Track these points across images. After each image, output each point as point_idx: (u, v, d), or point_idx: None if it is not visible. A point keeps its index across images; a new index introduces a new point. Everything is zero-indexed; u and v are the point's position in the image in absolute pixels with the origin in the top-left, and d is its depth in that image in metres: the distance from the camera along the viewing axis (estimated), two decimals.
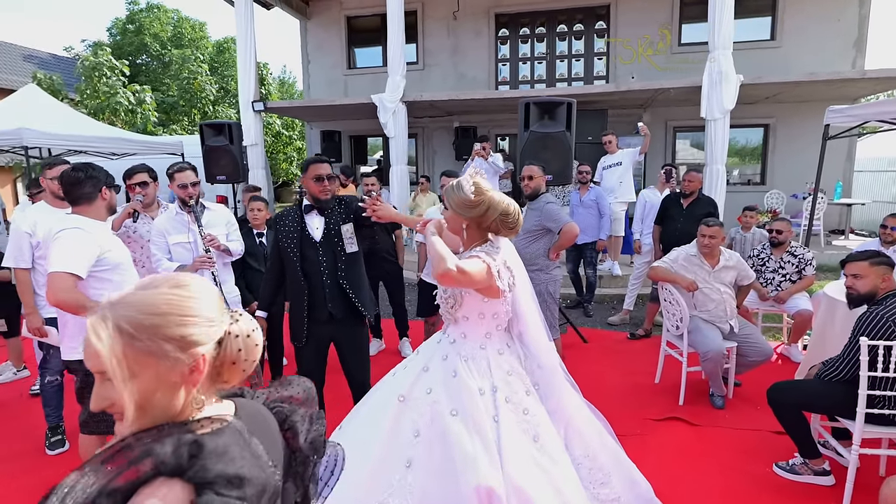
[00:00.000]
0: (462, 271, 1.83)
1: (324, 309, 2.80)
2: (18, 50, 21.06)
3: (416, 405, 1.96)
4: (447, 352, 2.08)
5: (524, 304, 2.11)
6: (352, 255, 2.85)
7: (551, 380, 2.16)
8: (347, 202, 2.90)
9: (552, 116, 4.62)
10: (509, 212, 2.03)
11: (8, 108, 7.51)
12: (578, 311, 6.21)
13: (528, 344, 2.15)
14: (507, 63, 11.30)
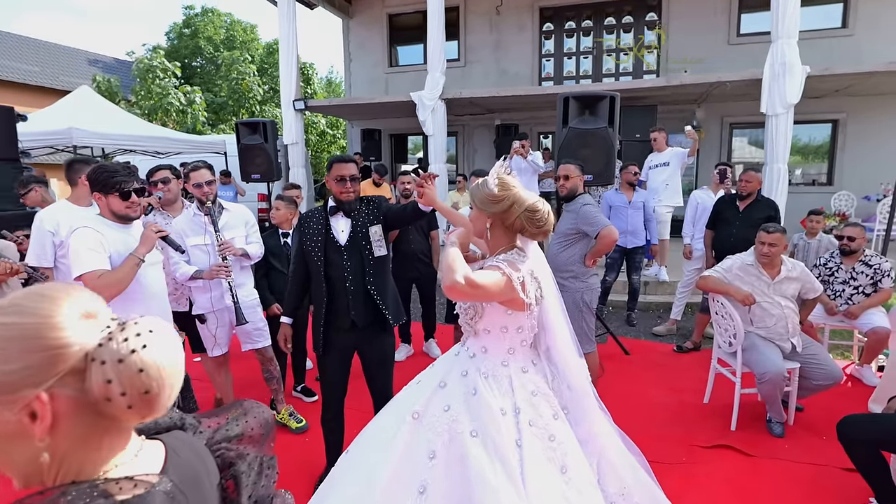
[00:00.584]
0: (473, 284, 1.67)
1: (346, 317, 2.65)
2: (84, 55, 22.34)
3: (433, 424, 1.78)
4: (466, 367, 1.89)
5: (553, 317, 1.90)
6: (380, 259, 2.68)
7: (582, 403, 1.94)
8: (376, 203, 2.74)
9: (593, 112, 4.29)
10: (537, 209, 1.84)
11: (61, 108, 7.83)
12: (620, 320, 5.83)
13: (555, 361, 1.94)
14: (552, 58, 10.92)
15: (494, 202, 1.82)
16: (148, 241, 2.34)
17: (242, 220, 3.38)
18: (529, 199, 1.85)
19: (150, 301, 2.44)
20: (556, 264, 3.54)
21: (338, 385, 2.79)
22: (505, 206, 1.82)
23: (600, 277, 3.77)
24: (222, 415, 0.93)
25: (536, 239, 1.91)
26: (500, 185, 1.84)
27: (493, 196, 1.82)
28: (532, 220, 1.83)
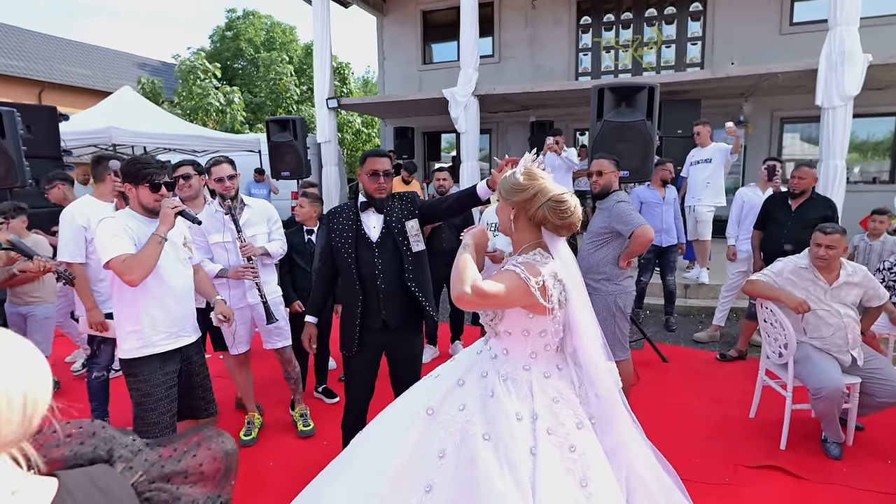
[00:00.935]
0: (483, 294, 1.61)
1: (377, 317, 2.53)
2: (133, 58, 23.24)
3: (446, 422, 1.72)
4: (487, 368, 1.81)
5: (580, 319, 1.76)
6: (419, 255, 2.58)
7: (610, 412, 1.77)
8: (409, 198, 2.63)
9: (630, 104, 4.03)
10: (562, 199, 1.71)
11: (103, 109, 8.06)
12: (658, 325, 5.53)
13: (582, 365, 1.80)
14: (589, 52, 10.58)
15: (518, 191, 1.74)
16: (167, 219, 2.29)
17: (264, 216, 3.32)
18: (555, 190, 1.74)
19: (174, 300, 2.39)
20: (588, 265, 3.33)
21: (364, 387, 2.67)
22: (528, 195, 1.72)
23: (635, 280, 3.52)
24: (180, 443, 0.80)
25: (560, 233, 1.76)
26: (525, 174, 1.75)
27: (518, 184, 1.74)
28: (555, 211, 1.70)
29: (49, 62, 18.70)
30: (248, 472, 3.00)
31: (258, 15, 22.42)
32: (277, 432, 3.45)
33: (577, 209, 1.74)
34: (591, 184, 3.41)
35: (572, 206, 1.72)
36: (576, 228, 1.77)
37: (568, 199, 1.72)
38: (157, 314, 2.32)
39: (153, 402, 2.31)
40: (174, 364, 2.40)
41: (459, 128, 8.60)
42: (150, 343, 2.31)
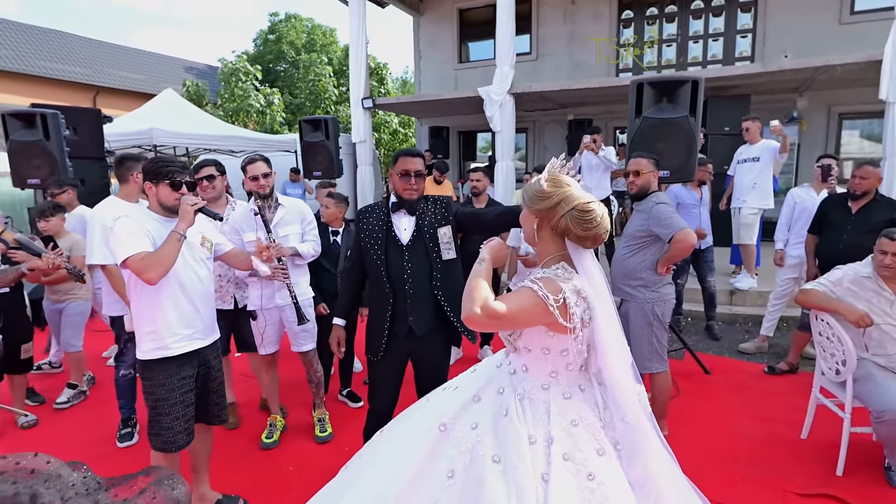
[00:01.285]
0: (494, 315, 1.51)
1: (404, 322, 2.44)
2: (181, 62, 24.09)
3: (458, 440, 1.63)
4: (504, 384, 1.71)
5: (606, 337, 1.61)
6: (448, 263, 2.47)
7: (637, 439, 1.61)
8: (444, 203, 2.53)
9: (672, 99, 3.79)
10: (587, 209, 1.58)
11: (146, 111, 8.31)
12: (700, 333, 5.22)
13: (609, 385, 1.64)
14: (631, 48, 10.21)
15: (541, 198, 1.63)
16: (186, 216, 2.24)
17: (298, 216, 3.27)
18: (581, 199, 1.60)
19: (189, 301, 2.35)
20: (624, 271, 3.13)
21: (388, 395, 2.58)
22: (552, 203, 1.60)
23: (675, 287, 3.30)
24: (123, 486, 0.70)
25: (585, 245, 1.61)
26: (550, 180, 1.64)
27: (541, 191, 1.63)
28: (579, 221, 1.56)
29: (103, 67, 19.60)
30: (268, 475, 2.96)
31: (300, 18, 22.83)
32: (300, 435, 3.40)
33: (604, 219, 1.60)
34: (629, 184, 3.21)
35: (598, 217, 1.57)
36: (602, 240, 1.63)
37: (594, 209, 1.58)
38: (172, 316, 2.29)
39: (167, 407, 2.28)
40: (191, 368, 2.36)
41: (494, 127, 8.44)
42: (165, 346, 2.27)
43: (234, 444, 3.30)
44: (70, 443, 3.36)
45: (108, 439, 3.36)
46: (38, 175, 5.11)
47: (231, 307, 3.38)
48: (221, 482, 2.79)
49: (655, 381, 3.15)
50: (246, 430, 3.47)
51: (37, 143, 5.03)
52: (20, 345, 3.55)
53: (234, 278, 3.38)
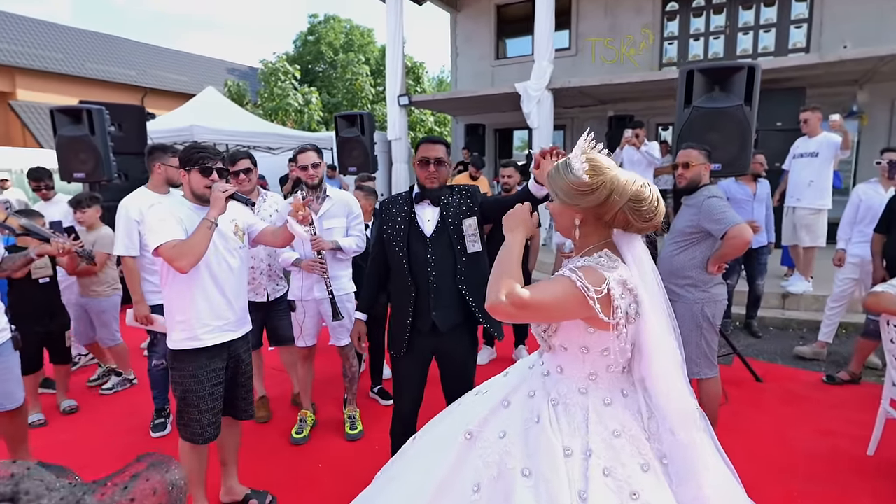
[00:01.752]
0: (522, 304, 1.34)
1: (427, 318, 2.34)
2: (224, 64, 24.74)
3: (485, 450, 1.48)
4: (536, 387, 1.54)
5: (653, 339, 1.42)
6: (473, 256, 2.35)
7: (689, 454, 1.41)
8: (470, 192, 2.42)
9: (725, 87, 3.55)
10: (643, 196, 1.39)
11: (188, 109, 8.50)
12: (749, 338, 4.93)
13: (654, 394, 1.46)
14: (675, 41, 9.84)
15: (585, 193, 1.40)
16: (217, 203, 2.19)
17: (345, 209, 3.21)
18: (631, 184, 1.40)
19: (219, 292, 2.30)
20: (671, 269, 2.94)
21: (411, 394, 2.48)
22: (601, 196, 1.39)
23: (727, 287, 3.08)
24: (117, 476, 0.62)
25: (644, 231, 1.44)
26: (590, 168, 1.40)
27: (583, 186, 1.40)
28: (638, 213, 1.39)
29: (150, 69, 20.31)
30: (297, 471, 2.91)
31: (338, 19, 23.10)
32: (330, 432, 3.34)
33: (661, 202, 1.42)
34: (677, 177, 3.01)
35: (655, 200, 1.40)
36: (660, 223, 1.44)
37: (648, 194, 1.40)
38: (202, 306, 2.25)
39: (196, 399, 2.24)
40: (221, 361, 2.31)
41: (532, 123, 8.28)
42: (195, 337, 2.23)
43: (264, 438, 3.27)
44: (106, 431, 3.39)
45: (143, 428, 3.38)
46: (84, 169, 5.26)
47: (264, 300, 3.36)
48: (250, 476, 2.75)
49: (704, 387, 2.94)
50: (276, 424, 3.44)
51: (83, 138, 5.17)
52: (64, 333, 3.62)
53: (266, 270, 3.36)
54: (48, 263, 3.50)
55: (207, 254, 2.21)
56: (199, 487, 2.40)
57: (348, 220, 3.22)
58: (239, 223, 2.45)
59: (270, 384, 3.84)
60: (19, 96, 16.36)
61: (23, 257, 2.65)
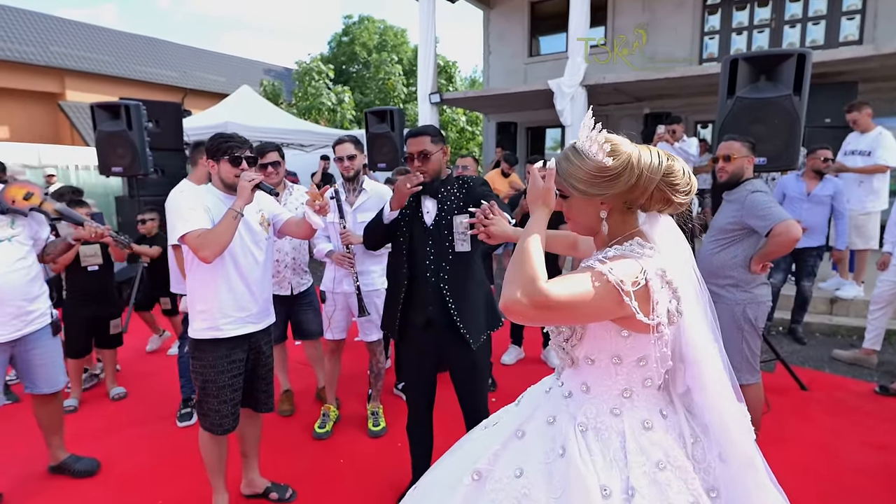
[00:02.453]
0: (544, 304, 1.06)
1: (422, 311, 2.26)
2: (261, 65, 25.26)
3: (497, 493, 1.24)
4: (556, 411, 1.30)
5: (699, 343, 1.21)
6: (460, 257, 2.21)
7: (742, 482, 1.21)
8: (470, 186, 2.29)
9: (772, 76, 3.35)
10: (674, 169, 1.21)
11: (223, 106, 8.67)
12: (793, 343, 4.67)
13: (700, 412, 1.26)
14: (716, 36, 9.48)
15: (611, 178, 1.19)
16: (243, 193, 2.16)
17: (380, 203, 3.12)
18: (657, 158, 1.20)
19: (244, 284, 2.28)
20: (710, 268, 2.78)
21: (418, 388, 2.42)
22: (630, 179, 1.19)
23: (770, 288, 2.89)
24: None
25: (679, 210, 1.26)
26: (612, 150, 1.20)
27: (607, 170, 1.18)
28: (674, 187, 1.21)
29: (190, 71, 20.89)
30: (318, 466, 2.88)
31: (372, 20, 23.27)
32: (352, 427, 3.30)
33: (692, 178, 1.24)
34: (718, 170, 2.85)
35: (686, 171, 1.22)
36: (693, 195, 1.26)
37: (677, 167, 1.21)
38: (225, 297, 2.23)
39: (215, 390, 2.22)
40: (241, 352, 2.29)
41: (565, 121, 8.11)
42: (216, 327, 2.22)
43: (287, 432, 3.25)
44: (139, 419, 3.44)
45: (170, 417, 3.41)
46: (122, 164, 5.39)
47: (288, 293, 3.34)
48: (272, 469, 2.73)
49: (745, 394, 2.74)
50: (300, 418, 3.42)
51: (120, 133, 5.30)
52: (109, 321, 3.73)
53: (291, 264, 3.34)
54: (97, 252, 3.62)
55: (233, 244, 2.20)
56: (220, 478, 2.39)
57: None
58: (265, 213, 2.43)
59: (295, 378, 3.83)
60: (68, 97, 17.05)
61: (62, 242, 2.71)
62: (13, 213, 2.47)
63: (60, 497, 2.63)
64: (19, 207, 2.46)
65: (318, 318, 3.49)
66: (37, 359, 2.57)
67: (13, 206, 2.44)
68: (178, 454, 2.98)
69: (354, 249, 3.05)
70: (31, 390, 2.62)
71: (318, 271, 3.95)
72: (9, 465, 2.84)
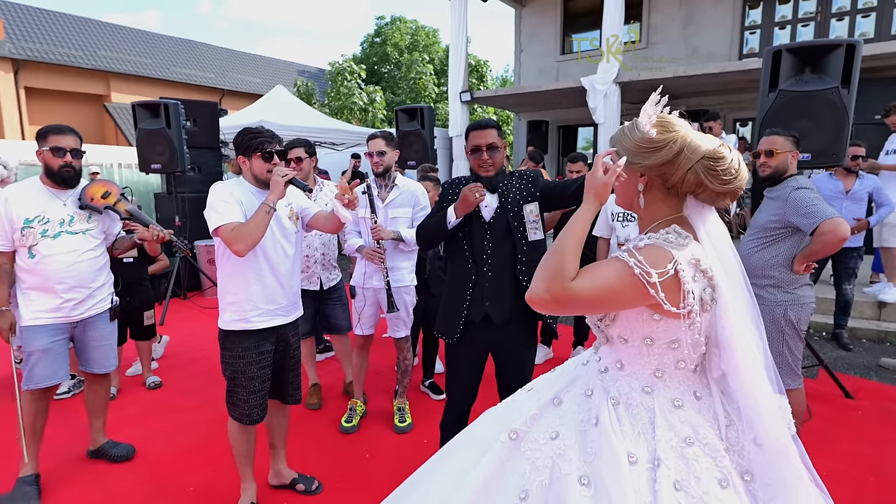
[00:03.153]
0: (566, 299, 1.13)
1: (480, 307, 2.24)
2: (295, 66, 25.74)
3: (533, 453, 1.31)
4: (593, 384, 1.36)
5: (735, 330, 1.21)
6: (535, 245, 2.26)
7: (776, 467, 1.19)
8: (531, 177, 2.31)
9: (818, 68, 3.19)
10: (720, 155, 1.19)
11: (259, 106, 8.85)
12: (836, 349, 4.45)
13: (735, 396, 1.25)
14: (758, 30, 9.16)
15: (652, 149, 1.22)
16: (276, 188, 2.18)
17: (411, 200, 3.16)
18: (706, 142, 1.21)
19: (274, 277, 2.31)
20: (749, 268, 2.66)
21: (464, 386, 2.39)
22: (669, 153, 1.21)
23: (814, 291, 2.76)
24: None
25: (719, 203, 1.24)
26: (660, 124, 1.23)
27: (650, 142, 1.22)
28: (714, 172, 1.19)
29: (228, 72, 21.46)
30: (344, 460, 2.89)
31: (404, 20, 23.42)
32: (379, 423, 3.30)
33: (743, 168, 1.22)
34: (759, 166, 2.73)
35: (736, 163, 1.21)
36: (739, 194, 1.24)
37: (727, 154, 1.20)
38: (255, 290, 2.25)
39: (244, 381, 2.25)
40: (270, 344, 2.32)
41: (597, 119, 7.97)
42: (246, 318, 2.24)
43: (314, 425, 3.28)
44: (172, 408, 3.53)
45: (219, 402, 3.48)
46: (160, 161, 5.56)
47: (317, 288, 3.37)
48: (298, 461, 2.76)
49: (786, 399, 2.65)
50: (327, 412, 3.44)
51: (160, 131, 5.47)
52: (143, 312, 3.85)
53: (321, 259, 3.37)
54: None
55: (264, 238, 2.22)
56: (248, 467, 2.42)
57: (414, 211, 3.16)
58: (294, 207, 2.45)
59: (323, 373, 3.87)
60: (113, 98, 17.74)
61: (129, 240, 2.86)
62: (90, 209, 2.65)
63: (97, 480, 2.72)
64: (96, 205, 2.65)
65: (346, 313, 3.51)
66: (93, 340, 2.71)
67: (91, 203, 2.64)
68: (208, 444, 3.04)
69: (385, 245, 3.06)
70: (84, 368, 2.77)
71: (347, 267, 3.98)
72: (52, 448, 2.95)
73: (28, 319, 2.53)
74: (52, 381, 2.57)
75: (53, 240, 2.52)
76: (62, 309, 2.56)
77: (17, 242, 2.49)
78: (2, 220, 2.46)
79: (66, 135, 2.56)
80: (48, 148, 2.52)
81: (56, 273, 2.51)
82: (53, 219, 2.54)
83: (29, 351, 2.53)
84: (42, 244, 2.50)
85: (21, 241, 2.49)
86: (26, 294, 2.54)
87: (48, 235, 2.52)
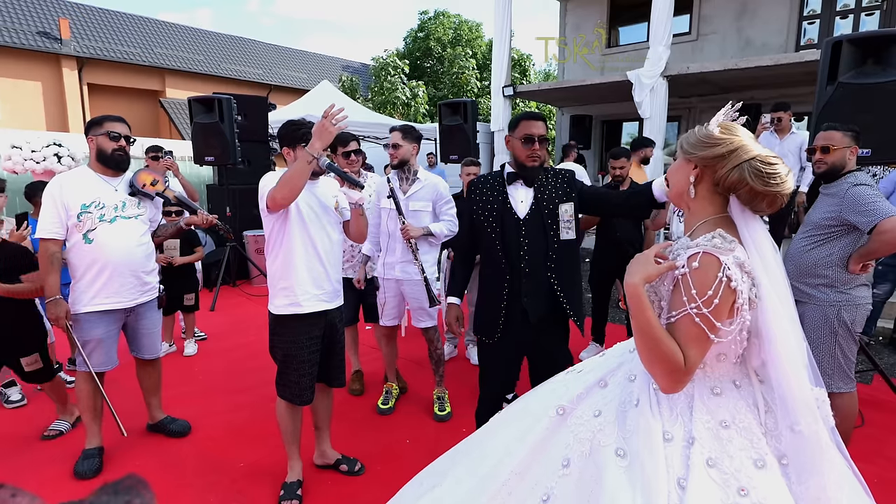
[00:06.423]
0: (688, 374, 1.24)
1: (518, 303, 2.27)
2: (340, 61, 26.17)
3: (577, 427, 1.44)
4: (637, 371, 1.45)
5: (776, 323, 1.26)
6: (566, 244, 2.26)
7: (813, 451, 1.23)
8: (567, 176, 2.32)
9: (882, 59, 3.04)
10: (770, 161, 1.26)
11: (305, 101, 9.08)
12: (892, 354, 4.25)
13: (776, 382, 1.28)
14: (817, 20, 8.73)
15: (708, 144, 1.32)
16: (323, 135, 2.09)
17: (432, 194, 3.20)
18: (755, 146, 1.29)
19: (320, 263, 2.39)
20: (801, 266, 2.60)
21: (498, 381, 2.43)
22: (721, 150, 1.30)
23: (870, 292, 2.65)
24: None
25: (758, 207, 1.29)
26: (725, 126, 1.34)
27: (710, 137, 1.32)
28: (759, 175, 1.24)
29: (275, 68, 22.04)
30: (385, 443, 2.98)
31: (447, 14, 23.41)
32: (420, 410, 3.39)
33: (790, 178, 1.27)
34: (815, 162, 2.64)
35: (783, 174, 1.25)
36: (782, 203, 1.28)
37: (777, 163, 1.26)
38: (304, 275, 2.35)
39: (296, 364, 2.35)
40: (318, 329, 2.41)
41: (643, 113, 7.80)
42: (297, 303, 2.34)
43: (357, 410, 3.39)
44: (225, 388, 3.71)
45: (266, 384, 3.66)
46: (214, 153, 5.80)
47: (361, 277, 3.47)
48: (341, 443, 2.86)
49: (837, 403, 2.53)
50: (369, 398, 3.55)
51: (213, 125, 5.71)
52: (183, 295, 4.26)
53: None
54: (177, 247, 4.13)
55: (310, 226, 2.31)
56: (295, 446, 2.53)
57: (436, 205, 3.21)
58: (340, 201, 2.53)
59: (366, 360, 3.98)
60: (167, 94, 18.52)
61: (174, 226, 3.00)
62: (142, 195, 2.77)
63: (156, 453, 2.90)
64: (148, 191, 2.77)
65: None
66: (143, 328, 2.86)
67: (143, 189, 2.76)
68: (257, 423, 3.19)
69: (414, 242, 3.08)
70: (135, 354, 2.93)
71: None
72: (113, 423, 3.16)
73: (85, 306, 2.57)
74: (107, 367, 2.72)
75: (111, 224, 2.58)
76: (120, 293, 2.64)
77: (72, 229, 2.53)
78: (57, 207, 2.49)
79: (120, 122, 2.68)
80: (104, 132, 2.60)
81: (115, 257, 2.58)
82: (108, 204, 2.59)
83: (85, 340, 2.61)
84: (100, 228, 2.55)
85: (78, 227, 2.52)
86: (82, 281, 2.57)
87: (105, 220, 2.56)
